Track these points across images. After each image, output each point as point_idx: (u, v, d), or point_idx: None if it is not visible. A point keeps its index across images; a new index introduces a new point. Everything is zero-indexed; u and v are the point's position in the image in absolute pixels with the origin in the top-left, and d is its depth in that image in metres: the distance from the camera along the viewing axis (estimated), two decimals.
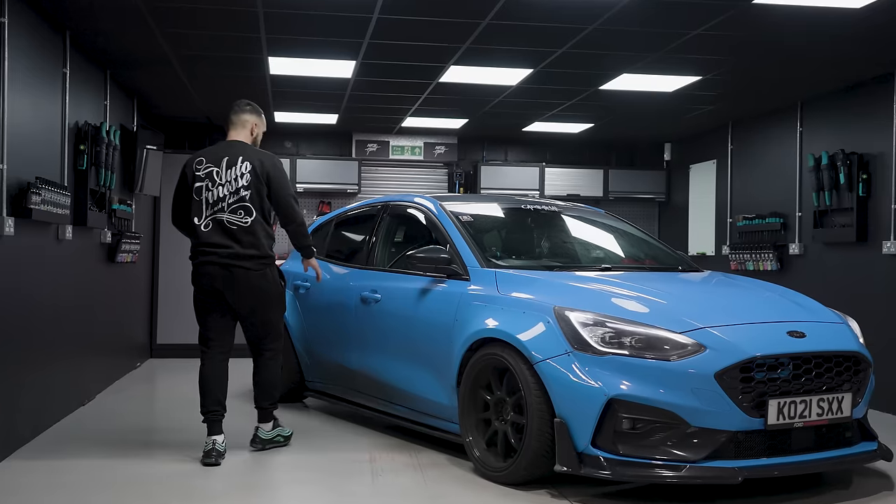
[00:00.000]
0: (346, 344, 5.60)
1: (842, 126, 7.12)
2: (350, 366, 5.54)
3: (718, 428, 3.79)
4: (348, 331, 5.56)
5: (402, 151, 10.13)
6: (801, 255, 7.60)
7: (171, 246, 9.21)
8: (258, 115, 5.01)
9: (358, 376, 5.47)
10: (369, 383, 5.37)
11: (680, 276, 5.01)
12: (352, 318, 5.53)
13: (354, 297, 5.49)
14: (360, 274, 5.57)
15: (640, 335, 3.92)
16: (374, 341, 5.32)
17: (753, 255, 8.08)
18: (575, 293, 4.35)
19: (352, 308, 5.52)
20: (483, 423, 4.43)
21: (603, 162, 10.59)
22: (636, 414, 3.83)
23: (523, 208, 5.60)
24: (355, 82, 7.13)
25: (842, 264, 7.03)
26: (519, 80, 6.91)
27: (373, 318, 5.33)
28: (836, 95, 7.21)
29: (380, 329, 5.27)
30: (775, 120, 8.09)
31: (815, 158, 7.15)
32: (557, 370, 3.98)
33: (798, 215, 7.64)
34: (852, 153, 6.81)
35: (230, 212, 4.74)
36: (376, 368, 5.28)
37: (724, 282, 5.02)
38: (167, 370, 8.38)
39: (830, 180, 6.96)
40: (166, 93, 7.85)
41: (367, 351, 5.39)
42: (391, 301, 5.20)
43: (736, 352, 3.83)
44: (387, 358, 5.19)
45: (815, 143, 7.45)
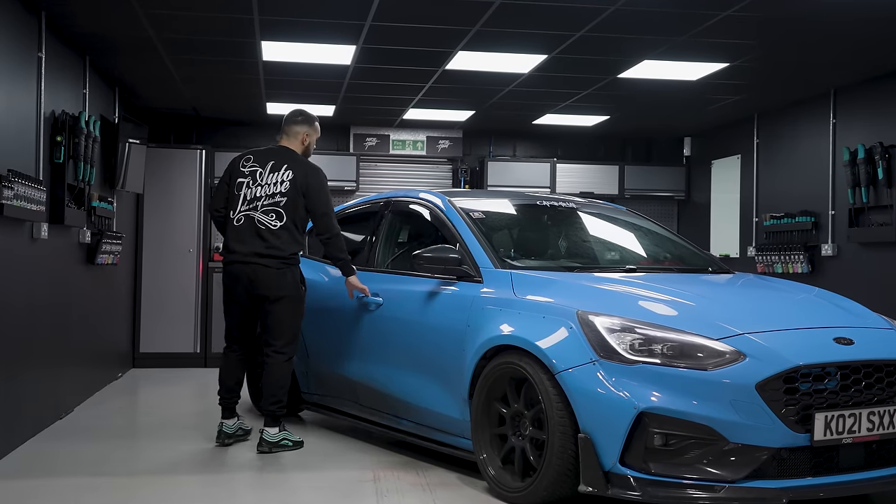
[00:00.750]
0: (345, 352, 5.44)
1: (879, 116, 6.97)
2: (350, 376, 5.38)
3: (760, 444, 3.62)
4: (348, 338, 5.41)
5: (403, 146, 9.98)
6: (834, 256, 7.45)
7: (155, 247, 9.07)
8: (310, 125, 5.41)
9: (359, 388, 5.32)
10: (371, 395, 5.22)
11: (711, 278, 4.85)
12: (351, 325, 5.37)
13: (354, 302, 5.33)
14: (360, 276, 5.40)
15: (672, 342, 3.76)
16: (376, 349, 5.17)
17: (782, 257, 7.93)
18: (599, 296, 4.20)
19: (351, 313, 5.36)
20: (498, 438, 4.27)
21: (618, 157, 10.45)
22: (669, 429, 3.66)
23: (539, 205, 5.45)
24: (355, 70, 6.98)
25: (880, 266, 6.87)
26: (531, 67, 6.75)
27: (374, 324, 5.18)
28: (872, 83, 7.06)
29: (382, 336, 5.12)
30: (805, 111, 7.94)
31: (850, 152, 7.00)
32: (582, 381, 3.82)
33: (831, 213, 7.49)
34: (891, 146, 6.66)
35: (262, 212, 5.17)
36: (379, 379, 5.13)
37: (759, 284, 4.86)
38: (151, 381, 8.22)
39: (867, 175, 6.82)
40: (150, 81, 7.69)
41: (368, 360, 5.23)
42: (394, 305, 5.05)
43: (779, 360, 3.67)
44: (390, 368, 5.03)
45: (849, 135, 7.30)
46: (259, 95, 8.14)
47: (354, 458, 5.08)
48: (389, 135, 9.96)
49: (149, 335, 9.06)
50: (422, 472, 4.72)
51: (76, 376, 6.65)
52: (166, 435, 5.75)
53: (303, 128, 5.37)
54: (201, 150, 9.28)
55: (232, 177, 5.28)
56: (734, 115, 8.84)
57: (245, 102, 8.54)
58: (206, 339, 9.21)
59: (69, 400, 6.44)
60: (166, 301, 9.09)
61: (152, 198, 9.06)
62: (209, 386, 8.11)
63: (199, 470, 4.84)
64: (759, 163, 8.71)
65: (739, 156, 9.06)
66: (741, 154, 9.03)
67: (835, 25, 5.55)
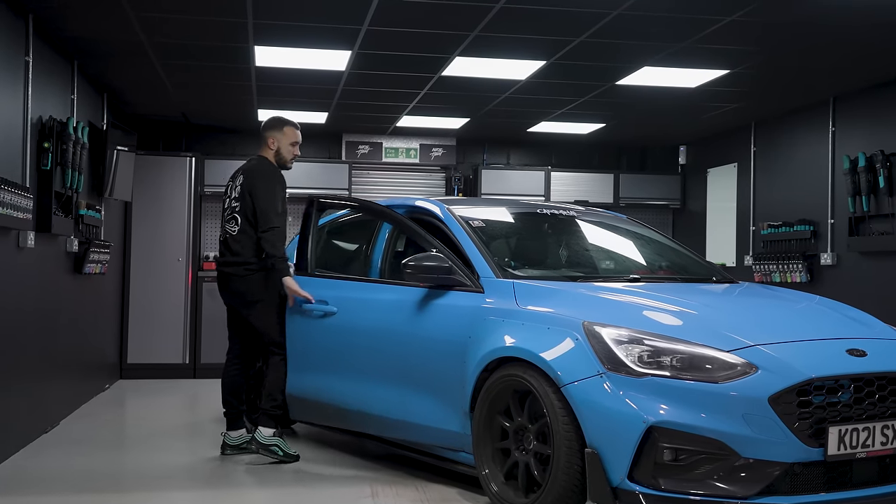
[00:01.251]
0: (326, 371, 5.17)
1: (880, 125, 6.92)
2: (335, 399, 5.12)
3: (772, 459, 3.53)
4: (337, 357, 5.14)
5: (395, 154, 9.88)
6: (833, 265, 7.39)
7: (144, 256, 8.94)
8: (275, 128, 5.46)
9: (346, 411, 5.07)
10: (363, 419, 4.98)
11: (716, 288, 4.77)
12: (339, 341, 5.12)
13: (343, 315, 5.10)
14: (350, 286, 5.20)
15: (681, 354, 3.67)
16: (363, 365, 4.94)
17: (780, 266, 7.86)
18: (605, 306, 4.10)
19: (339, 328, 5.12)
20: (501, 453, 4.16)
21: (613, 166, 10.39)
22: (679, 443, 3.56)
23: (539, 213, 5.35)
24: (349, 76, 6.88)
25: (881, 275, 6.81)
26: (529, 73, 6.67)
27: (365, 340, 4.95)
28: (872, 91, 7.02)
29: (370, 351, 4.90)
30: (804, 119, 7.89)
31: (850, 160, 6.95)
32: (589, 394, 3.71)
33: (830, 222, 7.43)
34: (893, 154, 6.60)
35: (226, 221, 5.36)
36: (367, 399, 4.90)
37: (765, 293, 4.78)
38: (139, 393, 8.08)
39: (868, 184, 6.76)
40: (140, 87, 7.57)
41: (354, 379, 4.99)
42: (388, 318, 4.84)
43: (792, 373, 3.58)
44: (380, 384, 4.82)
45: (849, 143, 7.24)
46: (250, 102, 8.02)
47: (351, 473, 4.97)
48: (382, 142, 9.86)
49: (137, 346, 8.91)
50: (421, 487, 4.61)
51: (63, 388, 6.51)
52: (155, 448, 5.62)
53: (269, 132, 5.43)
54: (191, 158, 9.15)
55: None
56: (731, 124, 8.79)
57: (236, 109, 8.43)
58: (196, 349, 9.07)
59: (55, 412, 6.30)
60: (155, 311, 8.95)
61: (141, 206, 8.92)
62: (198, 398, 7.99)
63: (191, 485, 4.71)
64: (756, 171, 8.65)
65: (736, 164, 9.01)
66: (738, 162, 8.98)
67: (840, 30, 5.49)
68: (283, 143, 5.42)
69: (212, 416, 6.77)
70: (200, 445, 5.66)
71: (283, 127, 5.44)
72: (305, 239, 5.52)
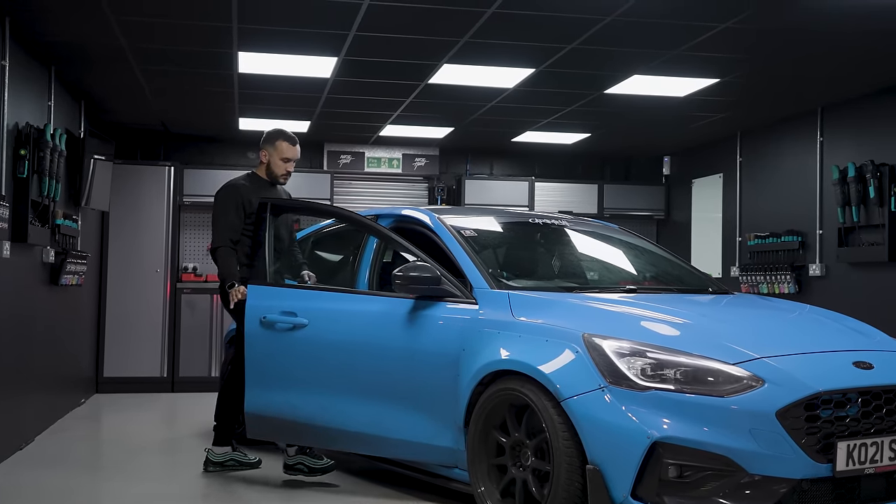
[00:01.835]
0: (306, 389, 4.77)
1: (868, 135, 6.89)
2: (314, 420, 4.73)
3: (780, 476, 3.42)
4: (310, 372, 4.77)
5: (378, 163, 9.75)
6: (822, 276, 7.33)
7: (121, 267, 8.74)
8: (268, 143, 5.35)
9: (327, 431, 4.70)
10: (342, 437, 4.65)
11: (715, 299, 4.67)
12: (311, 355, 4.76)
13: (315, 328, 4.74)
14: (323, 297, 4.86)
15: (685, 366, 3.56)
16: (349, 382, 4.62)
17: (768, 277, 7.80)
18: (604, 318, 3.98)
19: (311, 342, 4.76)
20: (497, 469, 4.02)
21: (597, 176, 10.32)
22: (684, 459, 3.45)
23: (531, 222, 5.24)
24: (334, 83, 6.74)
25: (871, 286, 6.76)
26: (517, 81, 6.57)
27: (343, 354, 4.65)
28: (860, 101, 6.98)
29: (354, 365, 4.59)
30: (791, 129, 7.85)
31: (840, 170, 6.90)
32: (590, 408, 3.59)
33: (819, 233, 7.38)
34: (883, 164, 6.56)
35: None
36: (352, 417, 4.58)
37: (765, 304, 4.69)
38: (116, 407, 7.86)
39: (858, 194, 6.71)
40: (119, 94, 7.39)
41: (330, 395, 4.66)
42: (369, 330, 4.58)
43: (799, 386, 3.48)
44: (368, 402, 4.53)
45: (837, 153, 7.20)
46: (232, 110, 7.87)
47: (338, 490, 4.80)
48: (364, 152, 9.73)
49: (113, 359, 8.69)
50: None
51: (37, 403, 6.30)
52: (133, 466, 5.42)
53: (263, 146, 5.36)
54: (170, 167, 8.97)
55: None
56: (716, 134, 8.74)
57: (217, 117, 8.27)
58: (174, 363, 8.86)
59: (29, 428, 6.08)
60: (132, 323, 8.74)
61: (118, 216, 8.72)
62: (177, 412, 7.79)
63: None
64: (742, 181, 8.60)
65: (721, 174, 8.96)
66: (723, 173, 8.93)
67: (832, 37, 5.43)
68: (274, 158, 5.33)
69: (191, 431, 6.59)
70: (178, 461, 5.48)
71: (276, 141, 5.33)
72: (259, 245, 5.07)
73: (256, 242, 5.11)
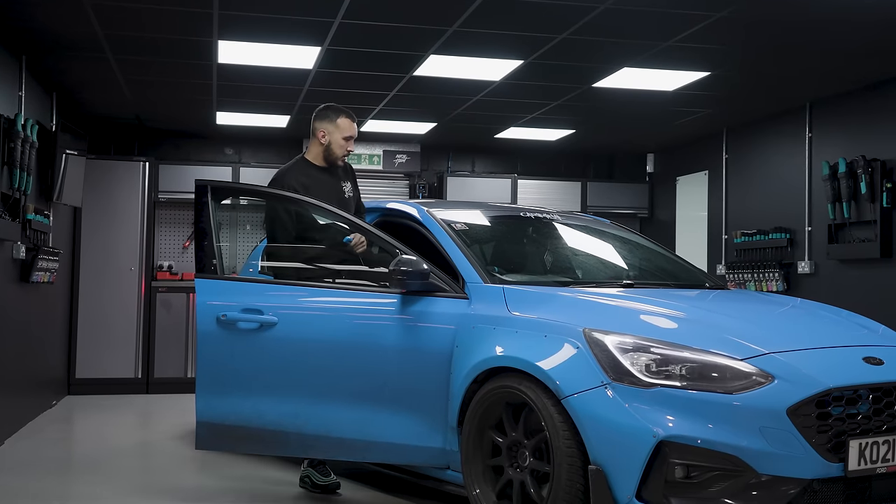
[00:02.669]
0: (276, 394, 4.37)
1: (859, 130, 6.80)
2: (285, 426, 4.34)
3: (791, 476, 3.28)
4: (280, 374, 4.37)
5: (358, 160, 9.54)
6: (811, 273, 7.24)
7: (94, 265, 8.47)
8: (325, 120, 4.74)
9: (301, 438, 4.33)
10: (320, 443, 4.31)
11: (716, 294, 4.53)
12: (282, 356, 4.35)
13: (286, 326, 4.34)
14: (295, 292, 4.45)
15: (692, 362, 3.41)
16: (326, 384, 4.30)
17: (755, 275, 7.70)
18: (605, 312, 3.84)
19: (282, 342, 4.35)
20: (492, 470, 3.86)
21: (579, 174, 10.20)
22: (691, 459, 3.30)
23: (522, 216, 5.08)
24: (317, 75, 6.55)
25: (861, 283, 6.67)
26: (505, 74, 6.42)
27: (320, 354, 4.31)
28: (849, 96, 6.89)
29: (333, 366, 4.28)
30: (778, 125, 7.76)
31: (830, 166, 6.81)
32: (592, 406, 3.43)
33: (808, 230, 7.29)
34: (874, 160, 6.47)
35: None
36: (331, 421, 4.27)
37: (767, 300, 4.57)
38: (88, 409, 7.61)
39: (849, 190, 6.62)
40: (92, 85, 7.15)
41: (314, 399, 4.30)
42: (350, 328, 4.30)
43: (810, 382, 3.34)
44: (349, 405, 4.24)
45: (826, 149, 7.12)
46: (209, 103, 7.64)
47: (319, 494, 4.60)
48: None
49: (86, 360, 8.42)
50: None
51: (6, 405, 6.05)
52: (107, 470, 5.19)
53: (316, 123, 4.77)
54: (144, 163, 8.72)
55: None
56: (702, 131, 8.64)
57: (194, 110, 8.03)
58: (149, 363, 8.61)
59: None
60: (105, 323, 8.48)
61: (91, 212, 8.46)
62: (152, 414, 7.56)
63: None
64: (728, 179, 8.50)
65: (707, 172, 8.86)
66: (709, 170, 8.83)
67: (823, 30, 5.33)
68: (336, 136, 4.72)
69: (167, 433, 6.36)
70: (154, 464, 5.27)
71: (337, 118, 4.70)
72: (205, 233, 4.41)
73: (200, 231, 4.41)
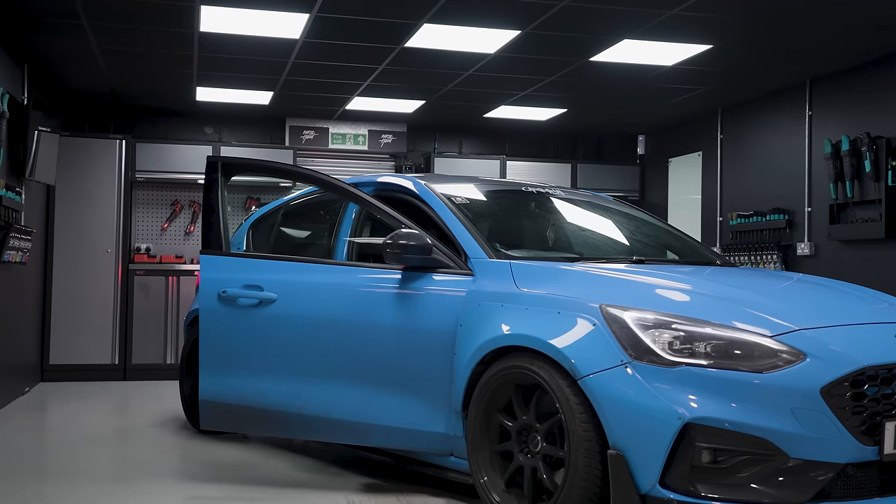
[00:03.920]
0: (275, 373, 4.31)
1: (862, 106, 6.61)
2: (285, 407, 4.27)
3: (824, 460, 3.07)
4: (279, 353, 4.32)
5: (343, 140, 9.27)
6: (811, 255, 7.06)
7: (68, 246, 8.15)
8: None
9: (301, 419, 4.24)
10: (319, 425, 4.20)
11: (732, 270, 4.30)
12: (282, 334, 4.30)
13: (286, 303, 4.28)
14: (295, 269, 4.37)
15: (718, 339, 3.18)
16: (326, 363, 4.18)
17: (753, 257, 7.52)
18: (620, 287, 3.60)
19: (281, 319, 4.29)
20: (500, 456, 3.62)
21: (568, 155, 9.98)
22: (719, 443, 3.08)
23: (524, 191, 4.84)
24: (303, 46, 6.26)
25: (865, 264, 6.49)
26: (501, 45, 6.16)
27: (319, 332, 4.19)
28: (854, 72, 6.70)
29: (332, 345, 4.15)
30: (776, 103, 7.57)
31: (832, 144, 6.62)
32: (611, 387, 3.20)
33: (807, 210, 7.10)
34: (879, 137, 6.29)
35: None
36: (331, 403, 4.14)
37: (786, 276, 4.36)
38: (63, 396, 7.29)
39: (852, 168, 6.44)
40: (67, 57, 6.80)
41: (305, 380, 4.22)
42: (349, 305, 4.14)
43: (844, 361, 3.13)
44: (350, 386, 4.10)
45: (827, 127, 6.93)
46: (189, 77, 7.32)
47: (321, 482, 4.35)
48: (328, 128, 9.24)
49: (60, 345, 8.10)
50: (403, 497, 4.03)
51: None
52: (85, 459, 4.90)
53: None
54: (121, 141, 8.39)
55: None
56: (696, 111, 8.43)
57: (173, 85, 7.70)
58: (126, 349, 8.30)
59: None
60: (80, 307, 8.16)
61: (65, 192, 8.12)
62: (129, 402, 7.26)
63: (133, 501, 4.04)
64: (723, 159, 8.31)
65: (700, 153, 8.66)
66: (702, 151, 8.63)
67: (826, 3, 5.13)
68: None
69: (146, 421, 6.08)
70: (133, 453, 5.00)
71: None
72: (212, 209, 4.46)
73: (208, 207, 4.46)
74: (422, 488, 4.15)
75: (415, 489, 4.15)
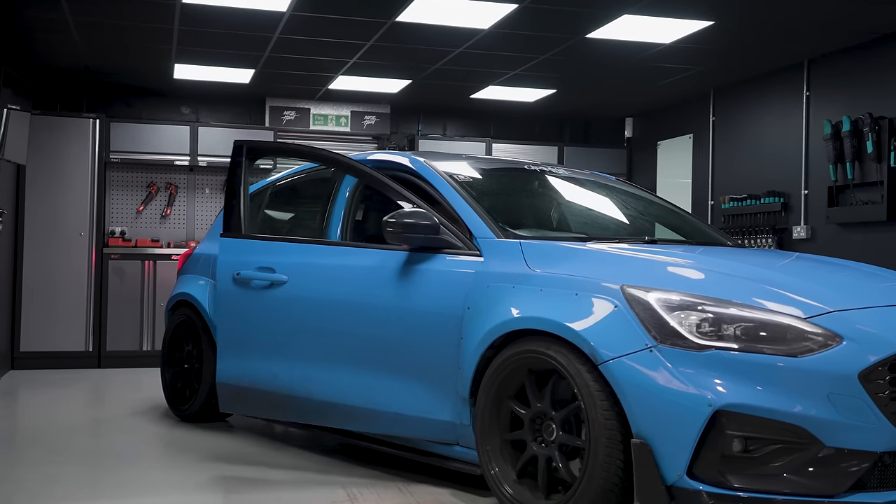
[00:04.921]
0: (285, 356, 4.26)
1: (862, 87, 6.48)
2: (293, 390, 4.21)
3: (861, 448, 2.91)
4: (289, 335, 4.25)
5: (325, 121, 9.01)
6: (808, 239, 6.93)
7: (40, 229, 7.84)
8: None
9: (308, 404, 4.17)
10: (324, 410, 4.11)
11: (750, 251, 4.13)
12: (291, 316, 4.24)
13: (295, 285, 4.23)
14: (305, 250, 4.29)
15: (749, 321, 3.01)
16: (332, 347, 4.08)
17: (747, 241, 7.38)
18: (639, 267, 3.41)
19: (291, 301, 4.24)
20: (511, 445, 3.43)
21: (554, 138, 9.80)
22: (751, 431, 2.90)
23: (528, 169, 4.64)
24: (290, 19, 6.00)
25: (865, 248, 6.37)
26: (496, 20, 5.95)
27: (326, 314, 4.10)
28: (853, 52, 6.57)
29: (339, 329, 4.04)
30: (772, 84, 7.42)
31: (832, 125, 6.49)
32: (636, 372, 3.02)
33: (804, 193, 6.97)
34: (881, 117, 6.16)
35: None
36: (336, 388, 4.04)
37: (806, 257, 4.17)
38: (35, 385, 7.00)
39: (853, 150, 6.31)
40: (38, 30, 6.49)
41: (309, 364, 4.14)
42: (356, 287, 4.02)
43: (883, 344, 2.97)
44: (355, 370, 3.97)
45: (826, 108, 6.79)
46: (168, 53, 7.03)
47: (318, 472, 4.13)
48: (310, 108, 8.98)
49: (32, 331, 7.80)
50: (405, 487, 3.83)
51: None
52: (60, 449, 4.64)
53: None
54: (95, 120, 8.08)
55: None
56: (686, 93, 8.28)
57: (150, 61, 7.40)
58: (100, 336, 8.02)
59: None
60: (53, 292, 7.85)
61: (36, 172, 7.81)
62: (104, 390, 6.99)
63: (120, 493, 3.80)
64: (715, 142, 8.16)
65: (691, 135, 8.51)
66: (693, 133, 8.48)
67: None
68: None
69: (121, 409, 5.83)
70: (109, 443, 4.76)
71: None
72: (235, 193, 4.54)
73: (231, 190, 4.49)
74: (423, 478, 3.95)
75: (415, 479, 3.95)
